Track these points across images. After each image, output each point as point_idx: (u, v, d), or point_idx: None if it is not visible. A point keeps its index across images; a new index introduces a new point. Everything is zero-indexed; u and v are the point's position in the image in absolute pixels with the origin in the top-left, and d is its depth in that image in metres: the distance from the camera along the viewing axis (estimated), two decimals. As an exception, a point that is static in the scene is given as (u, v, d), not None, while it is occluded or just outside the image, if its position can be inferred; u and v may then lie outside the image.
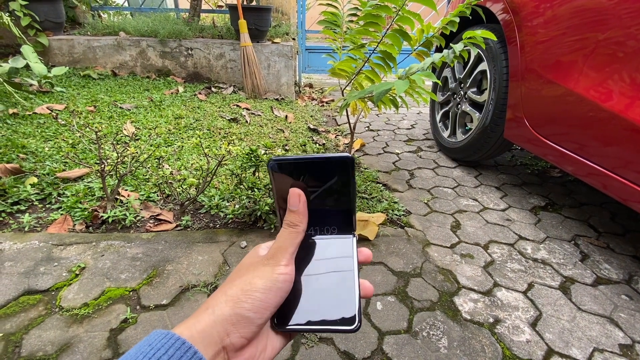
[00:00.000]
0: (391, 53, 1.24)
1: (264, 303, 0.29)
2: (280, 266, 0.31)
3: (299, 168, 0.33)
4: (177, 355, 0.24)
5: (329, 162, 0.32)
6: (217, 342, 0.27)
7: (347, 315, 0.31)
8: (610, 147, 1.03)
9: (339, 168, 0.32)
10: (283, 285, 0.30)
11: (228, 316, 0.28)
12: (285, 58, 2.86)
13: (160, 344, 0.25)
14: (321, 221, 0.35)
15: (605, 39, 1.04)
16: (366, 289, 0.34)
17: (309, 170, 0.33)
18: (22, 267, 0.94)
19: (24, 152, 1.46)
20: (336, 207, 0.34)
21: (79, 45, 2.75)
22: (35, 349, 0.73)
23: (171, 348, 0.25)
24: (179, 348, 0.25)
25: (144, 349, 0.25)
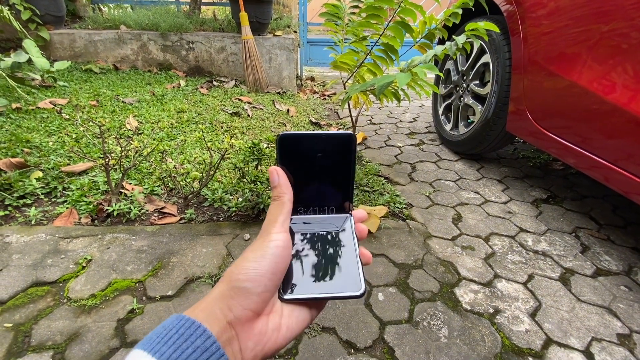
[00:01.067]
0: (393, 45, 1.24)
1: (258, 271, 0.29)
2: (271, 234, 0.31)
3: (305, 142, 0.34)
4: (188, 333, 0.26)
5: (333, 138, 0.34)
6: (220, 318, 0.28)
7: (352, 281, 0.32)
8: (613, 139, 1.02)
9: (341, 145, 0.34)
10: (276, 251, 0.30)
11: (226, 291, 0.29)
12: (286, 51, 2.84)
13: (171, 325, 0.27)
14: (321, 197, 0.36)
15: (609, 31, 1.03)
16: (365, 255, 0.35)
17: (313, 145, 0.34)
18: (30, 259, 0.96)
19: (28, 146, 1.47)
20: (336, 183, 0.36)
21: (80, 39, 2.75)
22: (44, 338, 0.75)
23: (182, 328, 0.26)
24: (188, 327, 0.26)
25: (159, 331, 0.27)
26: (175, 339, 0.26)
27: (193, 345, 0.26)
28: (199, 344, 0.26)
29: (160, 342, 0.26)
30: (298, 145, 0.34)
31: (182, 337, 0.26)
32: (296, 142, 0.34)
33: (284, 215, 0.33)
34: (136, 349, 0.26)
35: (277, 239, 0.31)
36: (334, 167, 0.35)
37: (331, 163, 0.35)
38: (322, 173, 0.35)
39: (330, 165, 0.35)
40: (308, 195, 0.36)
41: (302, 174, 0.35)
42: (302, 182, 0.35)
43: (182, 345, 0.25)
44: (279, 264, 0.30)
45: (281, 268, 0.31)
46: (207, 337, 0.26)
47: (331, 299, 0.32)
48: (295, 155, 0.35)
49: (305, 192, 0.36)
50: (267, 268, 0.30)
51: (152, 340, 0.26)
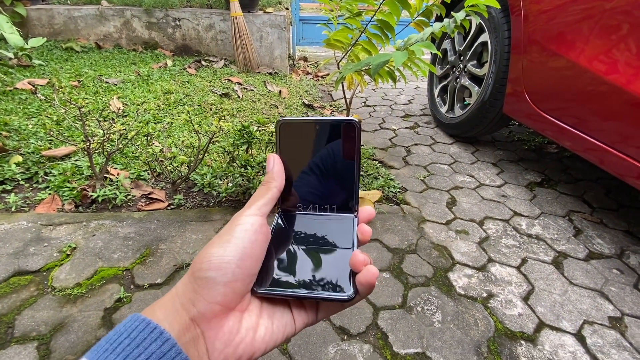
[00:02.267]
0: (389, 22, 1.18)
1: (223, 257, 0.25)
2: (241, 217, 0.28)
3: (306, 130, 0.32)
4: (141, 337, 0.23)
5: (335, 125, 0.31)
6: (182, 315, 0.24)
7: (340, 284, 0.28)
8: (611, 121, 1.00)
9: (345, 133, 0.31)
10: (244, 235, 0.27)
11: (188, 284, 0.25)
12: (278, 29, 2.73)
13: (124, 328, 0.23)
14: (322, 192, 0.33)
15: (612, 9, 0.99)
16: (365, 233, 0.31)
17: (315, 133, 0.32)
18: (11, 247, 0.92)
19: (6, 129, 1.40)
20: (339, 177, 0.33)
21: (59, 15, 2.60)
22: (28, 329, 0.73)
23: (134, 331, 0.23)
24: (142, 330, 0.23)
25: (111, 336, 0.23)
26: (125, 344, 0.22)
27: (147, 351, 0.22)
28: (153, 349, 0.22)
29: (108, 350, 0.22)
30: (298, 133, 0.32)
31: (133, 342, 0.22)
32: (297, 129, 0.32)
33: (264, 199, 0.30)
34: (83, 358, 0.23)
35: (246, 222, 0.27)
36: (337, 158, 0.32)
37: (334, 154, 0.32)
38: (324, 165, 0.32)
39: (334, 156, 0.32)
40: (308, 190, 0.33)
41: (302, 165, 0.32)
42: (302, 174, 0.33)
43: (134, 352, 0.22)
44: (247, 249, 0.26)
45: (252, 254, 0.27)
46: (164, 341, 0.23)
47: (312, 299, 0.28)
48: (295, 144, 0.32)
49: (306, 186, 0.33)
50: (234, 253, 0.26)
51: (101, 348, 0.22)
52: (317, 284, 0.28)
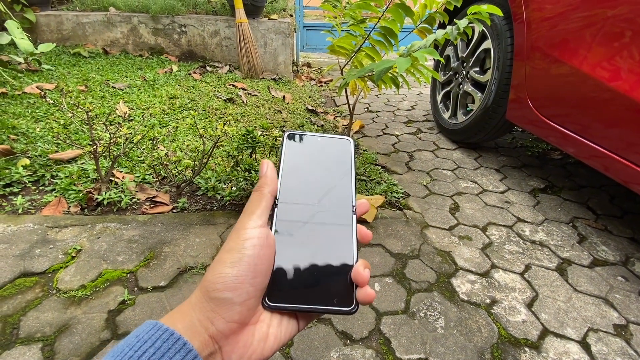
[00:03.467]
0: (392, 29, 1.19)
1: (238, 277, 0.26)
2: (246, 230, 0.27)
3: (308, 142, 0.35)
4: (166, 346, 0.23)
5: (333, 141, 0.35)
6: (201, 332, 0.25)
7: (345, 295, 0.29)
8: (615, 128, 1.00)
9: (341, 148, 0.35)
10: (253, 251, 0.27)
11: (205, 303, 0.26)
12: (282, 35, 2.76)
13: (147, 335, 0.23)
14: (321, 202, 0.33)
15: (614, 16, 0.99)
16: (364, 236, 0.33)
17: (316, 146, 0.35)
18: (17, 249, 0.93)
19: (14, 132, 1.42)
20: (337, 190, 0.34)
21: (68, 21, 2.64)
22: (33, 330, 0.73)
23: (158, 340, 0.23)
24: (166, 339, 0.23)
25: (132, 342, 0.23)
26: (150, 353, 0.22)
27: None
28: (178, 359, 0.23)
29: (133, 357, 0.22)
30: (302, 144, 0.35)
31: (159, 351, 0.23)
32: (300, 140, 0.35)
33: (261, 208, 0.30)
34: None
35: (253, 235, 0.27)
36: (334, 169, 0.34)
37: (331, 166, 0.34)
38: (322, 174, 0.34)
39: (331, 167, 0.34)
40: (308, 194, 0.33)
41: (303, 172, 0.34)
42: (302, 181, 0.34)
43: None
44: (259, 266, 0.27)
45: (262, 269, 0.27)
46: (187, 352, 0.23)
47: (320, 312, 0.29)
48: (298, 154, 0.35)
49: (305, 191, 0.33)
50: (247, 272, 0.26)
51: (124, 353, 0.23)
52: (323, 296, 0.29)
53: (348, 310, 0.28)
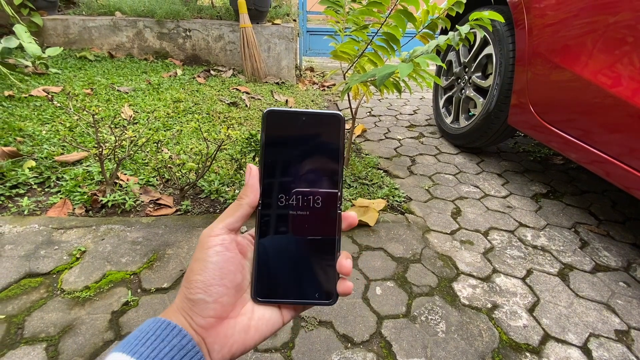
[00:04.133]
0: (395, 35, 1.20)
1: (206, 282, 0.29)
2: (209, 238, 0.30)
3: (292, 120, 0.31)
4: (164, 333, 0.27)
5: (321, 117, 0.31)
6: (186, 325, 0.29)
7: (325, 289, 0.31)
8: (617, 134, 1.01)
9: (329, 125, 0.31)
10: (216, 258, 0.29)
11: (184, 303, 0.29)
12: (285, 40, 2.79)
13: (148, 327, 0.28)
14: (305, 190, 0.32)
15: (615, 23, 1.00)
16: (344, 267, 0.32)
17: (301, 124, 0.31)
18: (23, 250, 0.94)
19: (21, 135, 1.44)
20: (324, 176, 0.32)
21: (74, 25, 2.68)
22: (37, 330, 0.74)
23: (158, 329, 0.28)
24: (164, 328, 0.28)
25: (136, 334, 0.28)
26: (152, 339, 0.27)
27: (170, 344, 0.27)
28: (175, 343, 0.27)
29: (139, 344, 0.27)
30: (285, 123, 0.31)
31: (158, 338, 0.27)
32: (283, 119, 0.31)
33: (233, 218, 0.31)
34: (114, 351, 0.27)
35: (216, 243, 0.30)
36: (322, 151, 0.31)
37: (318, 147, 0.31)
38: (308, 157, 0.31)
39: (318, 148, 0.31)
40: (292, 181, 0.32)
41: (287, 157, 0.31)
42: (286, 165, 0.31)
43: (160, 345, 0.27)
44: (224, 269, 0.30)
45: (230, 270, 0.30)
46: (183, 336, 0.28)
47: (303, 304, 0.31)
48: (281, 135, 0.31)
49: (289, 177, 0.32)
50: (213, 277, 0.29)
51: (130, 343, 0.27)
52: (306, 290, 0.31)
53: (328, 303, 0.31)
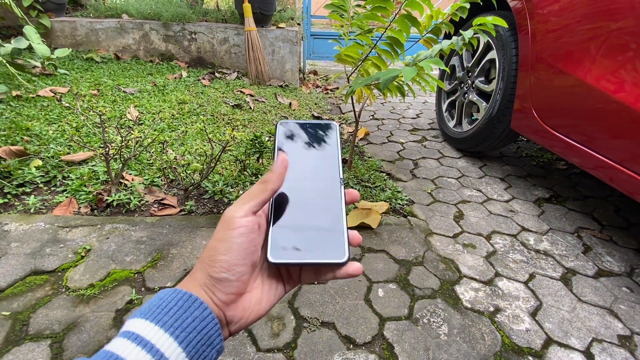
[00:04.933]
0: (399, 39, 1.22)
1: (230, 262, 0.30)
2: (235, 219, 0.31)
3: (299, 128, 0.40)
4: (186, 305, 0.28)
5: (320, 125, 0.40)
6: (207, 299, 0.30)
7: (337, 250, 0.33)
8: (620, 139, 1.01)
9: (327, 130, 0.40)
10: (241, 240, 0.30)
11: (206, 280, 0.30)
12: (289, 44, 2.81)
13: (169, 297, 0.29)
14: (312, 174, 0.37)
15: (618, 29, 1.01)
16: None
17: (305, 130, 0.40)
18: (29, 248, 0.95)
19: (28, 134, 1.46)
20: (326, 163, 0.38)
21: (82, 27, 2.72)
22: (42, 327, 0.75)
23: (180, 300, 0.28)
24: (186, 300, 0.28)
25: (157, 302, 0.28)
26: (175, 309, 0.27)
27: (192, 315, 0.28)
28: (197, 315, 0.28)
29: (162, 313, 0.27)
30: (293, 130, 0.39)
31: (181, 309, 0.28)
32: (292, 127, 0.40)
33: (257, 201, 0.32)
34: (135, 317, 0.27)
35: (240, 225, 0.30)
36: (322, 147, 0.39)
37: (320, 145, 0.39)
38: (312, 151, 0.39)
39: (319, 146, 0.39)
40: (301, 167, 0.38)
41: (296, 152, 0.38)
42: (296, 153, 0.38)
43: (183, 315, 0.27)
44: (247, 250, 0.31)
45: (251, 251, 0.31)
46: (204, 309, 0.28)
47: (316, 265, 0.34)
48: (290, 138, 0.39)
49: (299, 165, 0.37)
50: (237, 258, 0.30)
51: (152, 311, 0.27)
52: (319, 250, 0.33)
53: (341, 262, 0.33)
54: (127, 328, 0.27)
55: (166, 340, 0.26)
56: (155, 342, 0.26)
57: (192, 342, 0.27)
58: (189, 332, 0.27)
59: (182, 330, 0.27)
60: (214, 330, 0.28)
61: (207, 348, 0.28)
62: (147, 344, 0.25)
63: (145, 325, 0.26)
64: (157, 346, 0.25)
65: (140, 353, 0.25)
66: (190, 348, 0.27)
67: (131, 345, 0.25)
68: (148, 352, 0.25)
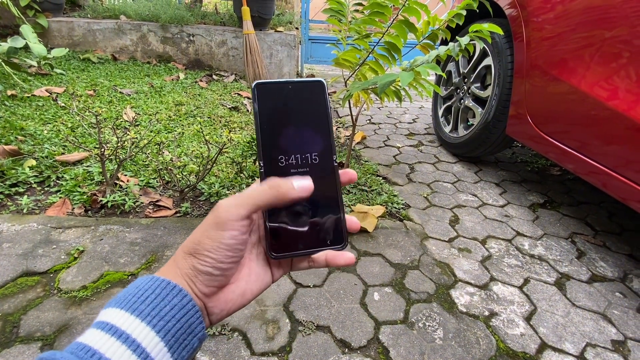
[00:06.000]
0: (396, 44, 1.23)
1: (217, 259, 0.29)
2: (229, 222, 0.28)
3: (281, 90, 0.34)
4: (164, 292, 0.27)
5: (306, 85, 0.34)
6: (187, 288, 0.29)
7: (335, 235, 0.33)
8: (613, 145, 1.03)
9: (314, 90, 0.34)
10: (232, 241, 0.28)
11: (189, 271, 0.29)
12: (288, 47, 2.83)
13: (146, 285, 0.27)
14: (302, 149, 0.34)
15: (611, 37, 1.03)
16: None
17: (289, 92, 0.34)
18: (21, 248, 0.94)
19: (22, 134, 1.44)
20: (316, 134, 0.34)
21: (79, 27, 2.71)
22: (33, 329, 0.74)
23: (157, 288, 0.27)
24: (164, 287, 0.27)
25: (132, 291, 0.27)
26: (152, 298, 0.26)
27: (170, 303, 0.26)
28: (175, 302, 0.27)
29: (138, 301, 0.26)
30: (274, 93, 0.34)
31: (159, 297, 0.26)
32: (272, 89, 0.34)
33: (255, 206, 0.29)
34: (109, 307, 0.26)
35: (234, 229, 0.28)
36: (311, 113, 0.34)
37: (307, 110, 0.34)
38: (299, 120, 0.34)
39: (307, 111, 0.34)
40: (289, 142, 0.34)
41: (280, 121, 0.34)
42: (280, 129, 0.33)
43: (160, 304, 0.26)
44: (236, 249, 0.29)
45: (239, 249, 0.30)
46: (183, 296, 0.27)
47: (316, 252, 0.33)
48: (272, 103, 0.34)
49: (285, 139, 0.34)
50: (225, 257, 0.29)
51: (127, 300, 0.26)
52: (318, 238, 0.33)
53: (340, 247, 0.33)
54: (101, 318, 0.25)
55: (142, 329, 0.25)
56: (131, 332, 0.24)
57: (171, 330, 0.26)
58: (167, 321, 0.26)
59: (160, 319, 0.25)
60: (195, 318, 0.27)
61: (188, 336, 0.27)
62: (122, 335, 0.24)
63: (120, 314, 0.25)
64: (132, 336, 0.24)
65: (114, 344, 0.23)
66: (169, 337, 0.26)
67: (105, 337, 0.24)
68: (123, 342, 0.24)
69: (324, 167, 0.34)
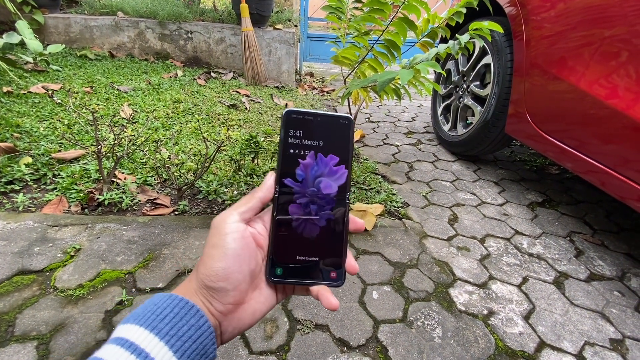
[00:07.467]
0: (396, 42, 1.22)
1: (226, 270, 0.29)
2: (226, 224, 0.31)
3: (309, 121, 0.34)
4: (182, 312, 0.27)
5: (334, 119, 0.35)
6: (204, 308, 0.29)
7: (334, 271, 0.34)
8: (612, 144, 1.02)
9: (341, 127, 0.35)
10: (235, 245, 0.30)
11: (204, 290, 0.30)
12: (286, 45, 2.81)
13: (165, 303, 0.28)
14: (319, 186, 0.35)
15: (610, 36, 1.02)
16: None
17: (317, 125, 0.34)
18: (16, 246, 0.93)
19: (18, 131, 1.43)
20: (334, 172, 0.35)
21: (76, 24, 2.68)
22: (29, 328, 0.73)
23: (176, 307, 0.28)
24: (182, 307, 0.28)
25: (151, 308, 0.27)
26: (171, 316, 0.27)
27: (188, 323, 0.27)
28: (193, 323, 0.27)
29: (157, 319, 0.26)
30: (302, 123, 0.34)
31: (177, 316, 0.27)
32: (301, 119, 0.34)
33: (245, 207, 0.33)
34: (127, 323, 0.26)
35: (233, 230, 0.30)
36: (334, 149, 0.35)
37: (331, 145, 0.34)
38: (322, 154, 0.35)
39: (330, 146, 0.34)
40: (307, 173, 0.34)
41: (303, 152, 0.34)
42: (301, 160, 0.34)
43: (179, 323, 0.27)
44: (241, 255, 0.30)
45: (245, 258, 0.31)
46: (200, 317, 0.28)
47: (313, 284, 0.34)
48: (299, 133, 0.34)
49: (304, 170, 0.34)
50: (233, 264, 0.30)
51: (146, 317, 0.27)
52: (317, 271, 0.34)
53: (337, 284, 0.34)
54: (119, 334, 0.26)
55: (161, 349, 0.25)
56: (150, 351, 0.25)
57: (187, 352, 0.26)
58: (184, 341, 0.26)
59: (178, 339, 0.26)
60: (209, 340, 0.28)
61: (201, 358, 0.27)
62: (142, 353, 0.24)
63: (138, 331, 0.25)
64: (151, 355, 0.25)
65: None
66: (185, 358, 0.26)
67: (124, 353, 0.24)
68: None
69: (337, 202, 0.35)
